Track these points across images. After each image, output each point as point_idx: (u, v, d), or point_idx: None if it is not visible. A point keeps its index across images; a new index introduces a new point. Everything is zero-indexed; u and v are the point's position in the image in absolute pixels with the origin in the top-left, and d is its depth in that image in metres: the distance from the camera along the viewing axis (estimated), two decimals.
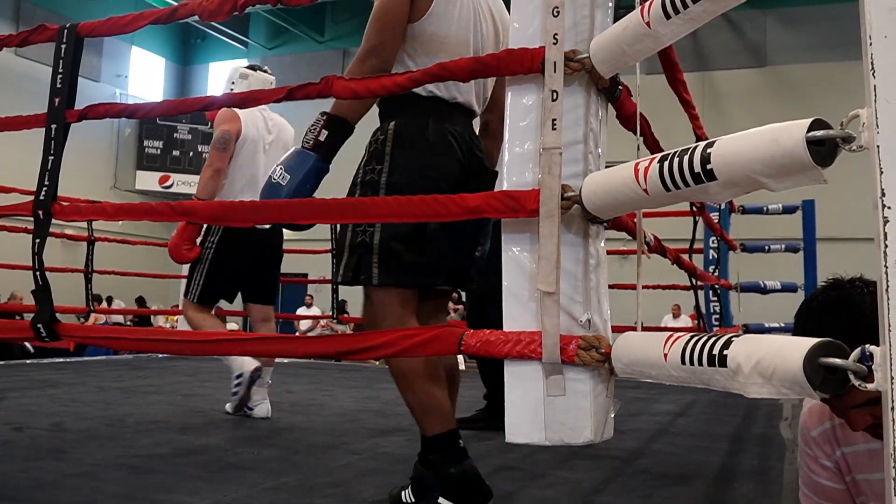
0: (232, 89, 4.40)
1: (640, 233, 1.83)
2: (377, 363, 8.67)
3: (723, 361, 1.32)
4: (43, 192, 2.34)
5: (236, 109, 4.27)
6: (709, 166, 1.34)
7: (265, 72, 4.56)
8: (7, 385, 5.23)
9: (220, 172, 4.19)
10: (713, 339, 1.38)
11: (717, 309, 6.09)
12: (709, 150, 1.34)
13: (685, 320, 14.05)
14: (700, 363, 1.37)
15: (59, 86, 2.37)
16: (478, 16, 2.40)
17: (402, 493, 2.42)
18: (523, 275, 1.79)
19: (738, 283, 6.32)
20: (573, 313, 1.73)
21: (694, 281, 3.70)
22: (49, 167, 2.35)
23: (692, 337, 1.43)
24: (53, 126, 2.36)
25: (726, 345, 1.34)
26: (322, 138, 2.17)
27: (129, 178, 19.48)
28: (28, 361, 7.11)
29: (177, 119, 19.70)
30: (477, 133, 2.48)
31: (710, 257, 6.31)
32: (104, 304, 15.23)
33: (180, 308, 7.95)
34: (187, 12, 2.21)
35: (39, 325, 2.32)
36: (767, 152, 1.23)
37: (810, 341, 1.11)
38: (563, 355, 1.70)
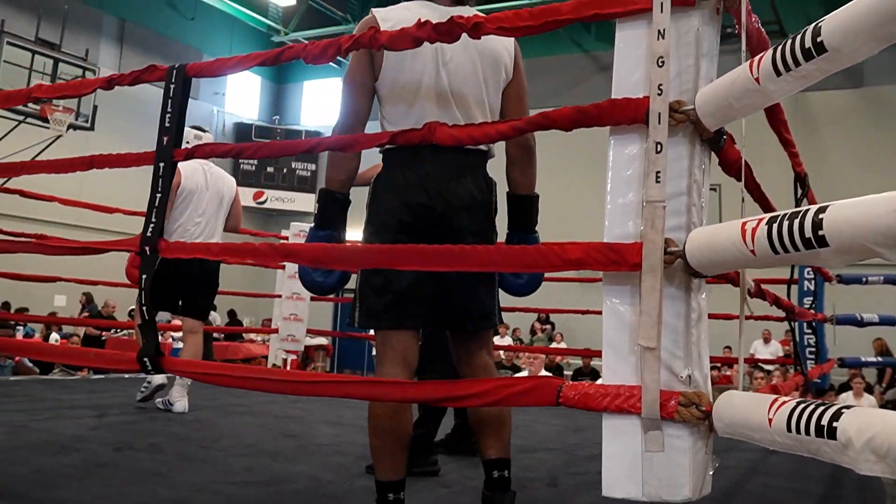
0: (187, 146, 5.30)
1: (744, 287, 1.79)
2: None
3: (832, 433, 1.29)
4: (150, 229, 2.41)
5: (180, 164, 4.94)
6: (821, 232, 1.31)
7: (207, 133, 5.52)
8: (107, 401, 5.41)
9: None
10: (822, 407, 1.35)
11: (813, 342, 5.91)
12: (821, 216, 1.31)
13: (776, 346, 13.69)
14: (807, 433, 1.35)
15: (167, 125, 2.45)
16: (439, 57, 2.42)
17: None
18: (623, 327, 1.77)
19: (833, 315, 6.13)
20: (674, 368, 1.71)
21: (792, 322, 3.61)
22: (156, 204, 2.42)
23: (799, 403, 1.40)
24: (161, 164, 2.43)
25: (836, 416, 1.30)
26: (316, 212, 2.45)
27: None
28: (126, 376, 7.31)
29: (271, 136, 20.11)
30: (473, 167, 2.48)
31: (806, 289, 6.14)
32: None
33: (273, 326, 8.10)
34: (292, 55, 2.26)
35: (146, 359, 2.39)
36: (886, 222, 1.20)
37: None
38: (662, 411, 1.68)
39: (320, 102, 21.00)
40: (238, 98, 20.52)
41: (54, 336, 10.90)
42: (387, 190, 2.41)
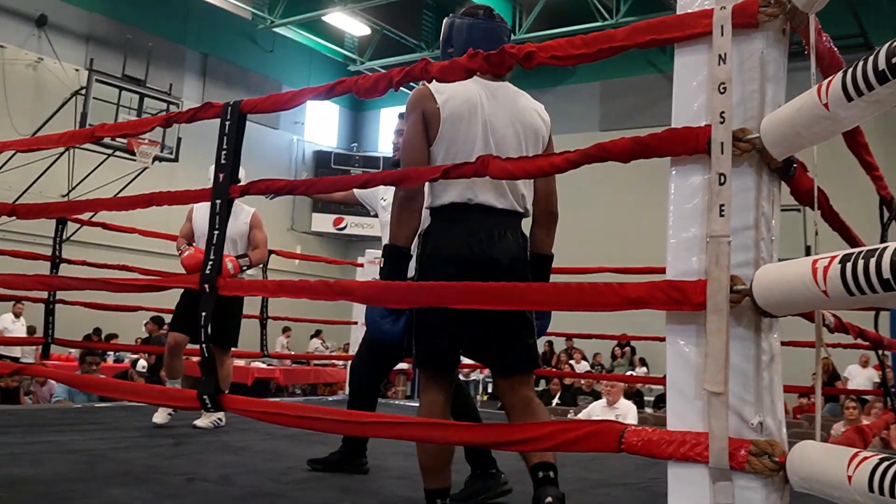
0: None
1: (819, 329, 1.67)
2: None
3: None
4: (209, 266, 2.40)
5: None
6: None
7: None
8: (185, 429, 5.42)
9: None
10: None
11: None
12: None
13: (872, 373, 13.14)
14: (892, 494, 1.23)
15: (223, 161, 2.44)
16: (488, 129, 2.66)
17: None
18: (689, 370, 1.67)
19: None
20: (743, 415, 1.60)
21: (881, 353, 3.42)
22: (214, 242, 2.40)
23: (882, 460, 1.28)
24: (218, 201, 2.42)
25: None
26: (381, 265, 2.62)
27: (305, 220, 20.20)
28: None
29: (350, 163, 20.33)
30: (510, 225, 2.70)
31: None
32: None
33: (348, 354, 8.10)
34: (344, 90, 2.23)
35: (205, 397, 2.37)
36: None
37: None
38: (731, 461, 1.57)
39: None
40: (317, 127, 20.83)
41: (142, 363, 11.13)
42: (438, 245, 2.64)
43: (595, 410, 7.68)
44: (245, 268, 5.47)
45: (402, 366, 15.99)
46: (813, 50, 1.72)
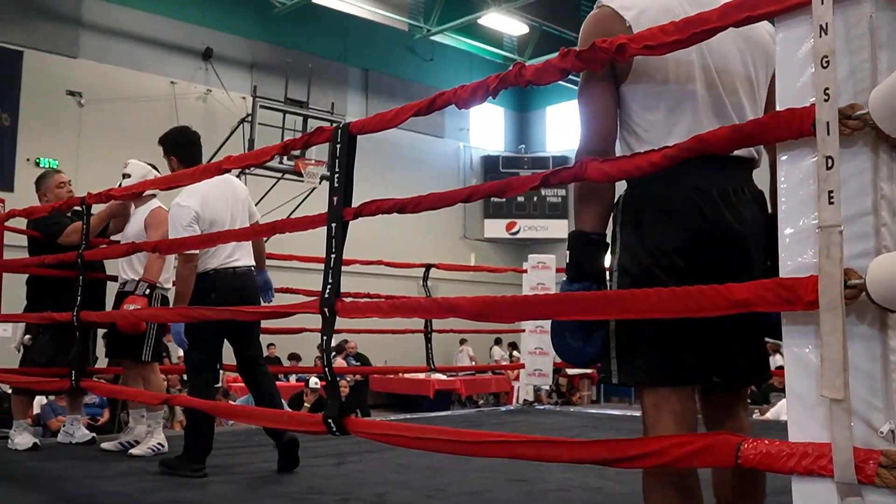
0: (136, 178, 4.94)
1: None
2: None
3: None
4: (327, 290, 2.42)
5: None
6: None
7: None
8: (349, 448, 5.46)
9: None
10: None
11: None
12: None
13: None
14: None
15: (336, 185, 2.46)
16: (704, 49, 1.96)
17: None
18: (809, 375, 1.52)
19: None
20: (871, 422, 1.44)
21: None
22: (332, 265, 2.43)
23: None
24: (333, 224, 2.44)
25: None
26: (567, 261, 2.02)
27: (477, 226, 20.31)
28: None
29: (519, 166, 20.30)
30: (745, 179, 2.05)
31: None
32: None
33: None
34: (444, 102, 2.20)
35: (330, 420, 2.39)
36: None
37: None
38: (859, 474, 1.42)
39: (565, 126, 20.91)
40: (483, 131, 20.92)
41: (314, 379, 11.45)
42: (652, 213, 1.96)
43: (785, 409, 7.28)
44: (145, 293, 4.63)
45: (587, 370, 15.87)
46: None
